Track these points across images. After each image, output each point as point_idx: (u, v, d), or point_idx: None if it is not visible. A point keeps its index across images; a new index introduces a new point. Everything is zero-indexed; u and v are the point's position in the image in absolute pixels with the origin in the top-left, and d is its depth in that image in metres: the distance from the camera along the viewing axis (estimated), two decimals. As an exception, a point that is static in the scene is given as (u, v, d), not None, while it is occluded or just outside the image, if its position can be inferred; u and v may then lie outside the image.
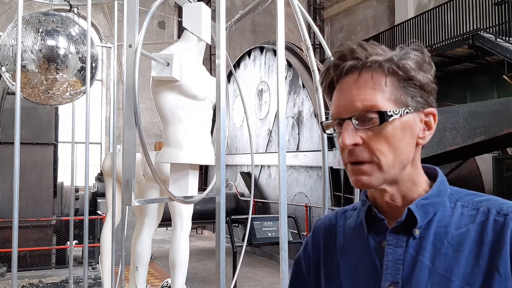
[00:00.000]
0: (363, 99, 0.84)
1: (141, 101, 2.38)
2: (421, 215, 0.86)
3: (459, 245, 0.83)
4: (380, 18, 16.92)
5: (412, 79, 0.85)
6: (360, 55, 0.85)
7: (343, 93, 0.87)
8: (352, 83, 0.86)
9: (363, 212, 0.94)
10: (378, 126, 0.83)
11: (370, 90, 0.84)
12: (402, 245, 0.86)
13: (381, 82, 0.84)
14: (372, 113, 0.83)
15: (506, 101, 5.53)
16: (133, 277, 4.06)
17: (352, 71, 0.86)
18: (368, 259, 0.90)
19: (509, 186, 7.72)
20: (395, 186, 0.88)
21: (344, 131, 0.84)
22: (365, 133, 0.84)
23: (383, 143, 0.84)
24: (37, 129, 7.56)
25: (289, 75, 9.70)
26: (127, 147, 2.18)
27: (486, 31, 11.05)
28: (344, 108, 0.86)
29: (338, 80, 0.88)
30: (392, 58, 0.85)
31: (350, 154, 0.85)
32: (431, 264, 0.83)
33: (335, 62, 0.88)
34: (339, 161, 7.61)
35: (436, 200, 0.88)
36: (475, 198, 0.89)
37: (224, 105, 2.23)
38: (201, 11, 2.90)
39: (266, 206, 10.03)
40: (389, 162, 0.84)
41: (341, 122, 0.86)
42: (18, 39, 2.87)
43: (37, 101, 3.56)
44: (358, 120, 0.84)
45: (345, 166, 0.88)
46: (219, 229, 2.14)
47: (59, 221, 7.55)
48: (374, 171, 0.84)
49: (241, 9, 4.07)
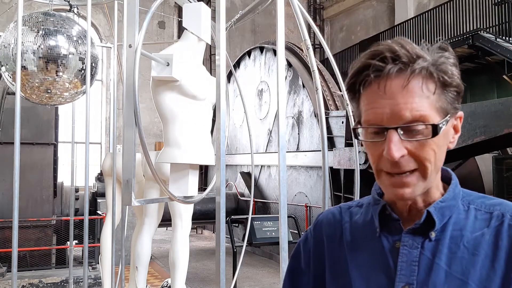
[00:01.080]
0: (412, 108, 0.79)
1: (141, 101, 2.38)
2: (439, 218, 0.86)
3: (474, 249, 0.83)
4: (380, 18, 16.92)
5: (454, 85, 0.83)
6: (404, 58, 0.80)
7: (385, 99, 0.81)
8: (399, 89, 0.80)
9: (377, 211, 0.92)
10: (425, 139, 0.80)
11: (418, 98, 0.80)
12: (417, 246, 0.86)
13: (430, 89, 0.81)
14: (421, 124, 0.80)
15: (506, 101, 5.53)
16: (133, 277, 4.06)
17: (398, 75, 0.80)
18: (381, 258, 0.89)
19: (509, 186, 7.73)
20: (425, 191, 0.87)
21: (390, 142, 0.79)
22: (411, 144, 0.81)
23: (430, 152, 0.81)
24: (37, 129, 7.56)
25: (289, 75, 9.70)
26: (127, 147, 2.18)
27: (486, 31, 11.06)
28: (389, 116, 0.80)
29: (376, 81, 0.82)
30: (437, 63, 0.81)
31: (395, 165, 0.81)
32: (448, 267, 0.83)
33: (376, 64, 0.81)
34: (339, 161, 7.61)
35: (451, 203, 0.88)
36: (487, 201, 0.89)
37: (224, 105, 2.23)
38: (201, 11, 2.90)
39: (266, 206, 10.03)
40: (432, 170, 0.83)
41: (380, 130, 0.82)
42: (18, 39, 2.87)
43: (37, 101, 3.56)
44: (404, 130, 0.80)
45: (378, 174, 0.85)
46: (219, 229, 2.14)
47: (59, 221, 7.55)
48: (418, 181, 0.83)
49: (241, 9, 4.07)
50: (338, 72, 3.98)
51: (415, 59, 0.81)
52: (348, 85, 0.87)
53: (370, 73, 0.82)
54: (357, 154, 3.98)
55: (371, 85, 0.83)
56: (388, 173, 0.83)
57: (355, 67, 0.85)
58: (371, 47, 0.84)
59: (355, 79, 0.85)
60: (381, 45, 0.83)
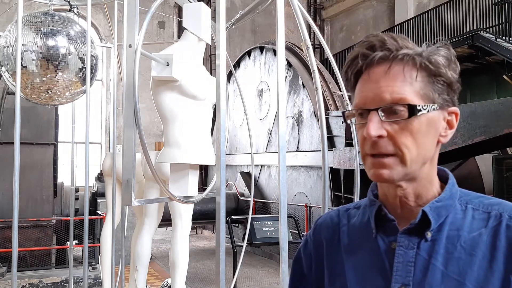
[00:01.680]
0: (392, 91, 0.83)
1: (141, 101, 2.38)
2: (434, 217, 0.86)
3: (472, 249, 0.83)
4: (380, 18, 16.92)
5: (441, 75, 0.84)
6: (391, 46, 0.84)
7: (370, 83, 0.85)
8: (382, 74, 0.84)
9: (373, 212, 0.92)
10: (405, 120, 0.82)
11: (400, 82, 0.83)
12: (413, 247, 0.86)
13: (412, 76, 0.83)
14: (400, 106, 0.82)
15: (506, 101, 5.53)
16: (133, 277, 4.06)
17: (382, 62, 0.84)
18: (376, 259, 0.89)
19: (509, 186, 7.72)
20: (413, 183, 0.87)
21: (370, 122, 0.82)
22: (390, 125, 0.83)
23: (408, 137, 0.83)
24: (37, 129, 7.56)
25: (289, 75, 9.70)
26: (127, 147, 2.18)
27: (486, 31, 11.05)
28: (371, 98, 0.84)
29: (365, 69, 0.86)
30: (422, 53, 0.84)
31: (373, 146, 0.83)
32: (444, 268, 0.83)
33: (364, 52, 0.85)
34: (339, 161, 7.61)
35: (448, 202, 0.88)
36: (485, 200, 0.89)
37: (224, 105, 2.23)
38: (201, 11, 2.90)
39: (266, 206, 10.03)
40: (412, 157, 0.83)
41: (365, 112, 0.85)
42: (18, 39, 2.87)
43: (37, 101, 3.56)
44: (384, 112, 0.83)
45: (364, 158, 0.87)
46: (219, 229, 2.14)
47: (59, 221, 7.55)
48: (396, 165, 0.83)
49: (241, 9, 4.07)
50: (338, 72, 3.98)
51: (401, 48, 0.84)
52: (344, 74, 0.91)
53: (359, 61, 0.86)
54: (357, 154, 3.98)
55: (362, 75, 0.87)
56: (371, 156, 0.85)
57: (348, 57, 0.89)
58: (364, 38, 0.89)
59: (347, 67, 0.89)
60: (373, 35, 0.87)
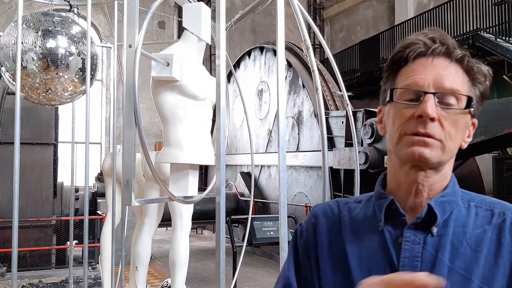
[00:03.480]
0: (452, 81, 0.86)
1: (141, 101, 2.38)
2: (440, 212, 0.87)
3: (477, 245, 0.85)
4: (380, 18, 16.92)
5: (482, 85, 0.90)
6: (450, 43, 0.88)
7: (431, 70, 0.87)
8: (443, 65, 0.87)
9: (384, 205, 0.92)
10: (455, 111, 0.86)
11: (458, 78, 0.87)
12: (419, 242, 0.87)
13: (466, 77, 0.88)
14: (456, 97, 0.86)
15: (506, 101, 5.53)
16: (133, 277, 4.06)
17: (444, 55, 0.88)
18: (382, 253, 0.89)
19: (509, 186, 7.72)
20: (435, 174, 0.89)
21: (428, 102, 0.84)
22: (442, 112, 0.85)
23: (453, 128, 0.86)
24: (37, 129, 7.55)
25: (289, 75, 9.70)
26: (127, 147, 2.18)
27: (486, 31, 11.05)
28: (431, 82, 0.86)
29: (428, 55, 0.88)
30: (473, 61, 0.90)
31: (424, 125, 0.84)
32: (451, 263, 0.84)
33: (426, 41, 0.88)
34: (339, 161, 7.60)
35: (452, 198, 0.90)
36: (486, 199, 0.92)
37: (224, 105, 2.23)
38: (201, 11, 2.90)
39: (266, 206, 10.03)
40: (450, 147, 0.87)
41: (418, 94, 0.86)
42: (18, 39, 2.87)
43: (37, 101, 3.56)
44: (439, 98, 0.85)
45: (400, 138, 0.87)
46: (219, 229, 2.14)
47: (59, 221, 7.54)
48: (438, 148, 0.85)
49: (241, 9, 4.07)
50: (338, 72, 3.98)
51: (457, 48, 0.89)
52: (394, 55, 0.92)
53: (421, 46, 0.88)
54: (357, 154, 3.98)
55: (418, 59, 0.89)
56: (412, 135, 0.85)
57: (404, 42, 0.91)
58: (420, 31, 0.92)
59: (402, 52, 0.90)
60: (431, 30, 0.91)
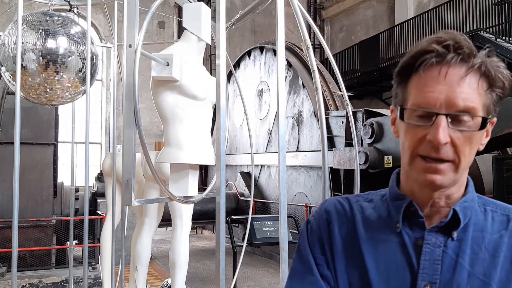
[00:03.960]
0: (466, 99, 0.81)
1: (141, 101, 2.38)
2: (462, 217, 0.87)
3: (495, 250, 0.85)
4: (380, 18, 16.91)
5: (503, 89, 0.85)
6: (466, 50, 0.82)
7: (442, 85, 0.81)
8: (457, 78, 0.81)
9: (402, 207, 0.90)
10: (470, 130, 0.82)
11: (474, 91, 0.82)
12: (440, 245, 0.86)
13: (484, 86, 0.83)
14: (470, 116, 0.81)
15: (506, 101, 5.51)
16: (133, 277, 4.06)
17: (459, 66, 0.82)
18: (402, 255, 0.88)
19: (509, 186, 7.71)
20: (451, 187, 0.87)
21: (439, 127, 0.80)
22: (455, 133, 0.82)
23: (467, 147, 0.83)
24: (37, 129, 7.55)
25: (289, 75, 9.70)
26: (127, 147, 2.18)
27: (486, 31, 11.05)
28: (443, 101, 0.81)
29: (437, 68, 0.83)
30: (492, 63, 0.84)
31: (436, 150, 0.81)
32: (471, 268, 0.84)
33: (440, 50, 0.82)
34: (339, 161, 7.60)
35: (471, 204, 0.90)
36: (498, 203, 0.92)
37: (224, 105, 2.23)
38: (201, 11, 2.90)
39: (266, 206, 10.03)
40: (465, 165, 0.84)
41: (429, 114, 0.82)
42: (18, 39, 2.87)
43: (37, 101, 3.56)
44: (452, 118, 0.81)
45: (413, 159, 0.85)
46: (219, 229, 2.14)
47: (59, 221, 7.54)
48: (449, 171, 0.83)
49: (241, 9, 4.07)
50: (338, 72, 3.98)
51: (475, 54, 0.82)
52: (402, 65, 0.87)
53: (432, 56, 0.82)
54: (357, 154, 3.98)
55: (430, 70, 0.83)
56: (424, 158, 0.83)
57: (416, 50, 0.85)
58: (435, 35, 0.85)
59: (413, 60, 0.85)
60: (443, 33, 0.84)
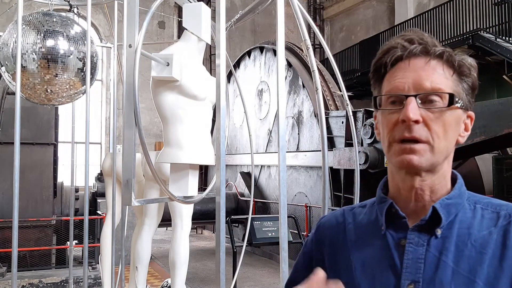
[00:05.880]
0: (432, 81, 0.86)
1: (141, 101, 2.38)
2: (445, 214, 0.87)
3: (482, 247, 0.84)
4: (380, 18, 16.92)
5: (470, 77, 0.90)
6: (428, 41, 0.89)
7: (409, 72, 0.88)
8: (422, 65, 0.87)
9: (384, 209, 0.93)
10: (440, 110, 0.86)
11: (438, 75, 0.87)
12: (423, 244, 0.87)
13: (449, 72, 0.88)
14: (438, 95, 0.86)
15: (506, 101, 5.53)
16: (133, 277, 4.06)
17: (422, 55, 0.88)
18: (385, 256, 0.90)
19: (509, 186, 7.72)
20: (432, 175, 0.88)
21: (408, 106, 0.84)
22: (426, 113, 0.85)
23: (440, 127, 0.86)
24: (37, 129, 7.55)
25: (289, 75, 9.70)
26: (127, 147, 2.18)
27: (486, 31, 11.06)
28: (410, 85, 0.87)
29: (405, 58, 0.89)
30: (456, 54, 0.89)
31: (408, 129, 0.85)
32: (455, 265, 0.84)
33: (404, 44, 0.89)
34: (339, 161, 7.61)
35: (458, 201, 0.90)
36: (493, 201, 0.91)
37: (224, 105, 2.23)
38: (201, 11, 2.90)
39: (266, 206, 10.03)
40: (440, 147, 0.86)
41: (398, 99, 0.87)
42: (18, 39, 2.87)
43: (37, 101, 3.56)
44: (422, 99, 0.86)
45: (390, 145, 0.88)
46: (219, 229, 2.14)
47: (59, 221, 7.55)
48: (426, 152, 0.85)
49: (241, 9, 4.07)
50: (338, 72, 3.98)
51: (437, 45, 0.89)
52: (375, 63, 0.93)
53: (398, 50, 0.89)
54: (357, 154, 3.98)
55: (398, 63, 0.90)
56: (400, 142, 0.86)
57: (384, 47, 0.92)
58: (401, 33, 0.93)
59: (383, 56, 0.91)
60: (410, 31, 0.92)
